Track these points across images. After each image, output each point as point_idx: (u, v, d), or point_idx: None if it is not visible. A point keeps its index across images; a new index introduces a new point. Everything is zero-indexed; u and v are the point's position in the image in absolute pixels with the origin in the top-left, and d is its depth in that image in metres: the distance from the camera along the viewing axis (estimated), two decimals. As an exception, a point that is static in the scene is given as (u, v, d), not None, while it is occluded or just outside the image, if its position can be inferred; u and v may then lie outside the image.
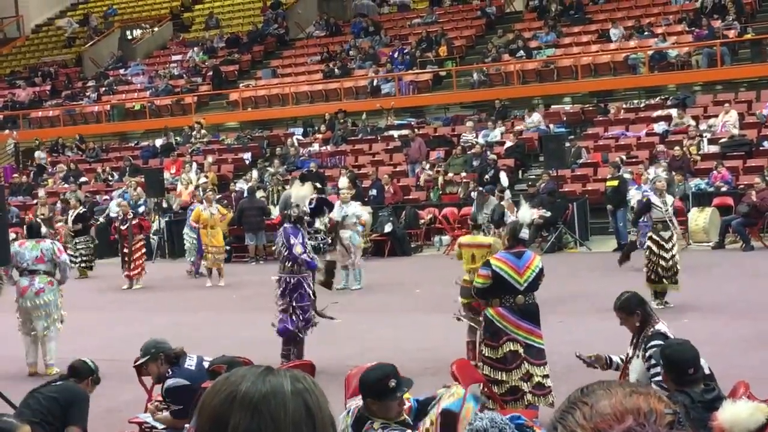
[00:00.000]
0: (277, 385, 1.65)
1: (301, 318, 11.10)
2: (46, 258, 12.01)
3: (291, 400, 1.63)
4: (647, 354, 6.38)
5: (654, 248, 13.50)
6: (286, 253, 11.03)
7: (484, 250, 10.65)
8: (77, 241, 21.65)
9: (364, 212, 17.85)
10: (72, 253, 21.35)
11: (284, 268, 11.12)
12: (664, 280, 13.41)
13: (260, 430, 1.61)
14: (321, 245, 19.39)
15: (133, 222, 19.21)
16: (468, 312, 10.60)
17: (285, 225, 11.42)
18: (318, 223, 18.77)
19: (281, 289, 11.10)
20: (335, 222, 17.13)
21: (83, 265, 21.58)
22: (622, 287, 14.53)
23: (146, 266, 19.58)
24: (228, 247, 20.81)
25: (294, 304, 11.08)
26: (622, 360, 6.89)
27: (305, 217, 11.46)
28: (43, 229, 12.98)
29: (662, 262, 13.36)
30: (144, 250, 19.71)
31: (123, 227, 19.29)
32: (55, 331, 12.13)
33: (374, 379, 5.24)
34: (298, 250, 10.92)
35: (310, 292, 11.16)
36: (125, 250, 19.14)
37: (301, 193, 12.54)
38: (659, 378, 5.94)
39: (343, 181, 21.14)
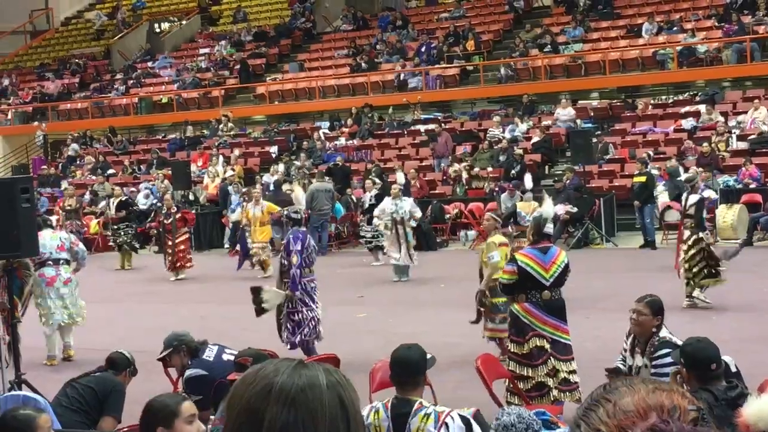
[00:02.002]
0: (313, 378, 1.64)
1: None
2: (66, 246, 12.28)
3: (327, 393, 1.63)
4: (654, 363, 6.31)
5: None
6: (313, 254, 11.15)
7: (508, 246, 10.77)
8: (119, 227, 21.59)
9: (417, 209, 17.84)
10: (115, 240, 21.51)
11: (311, 271, 11.18)
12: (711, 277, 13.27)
13: (297, 424, 1.60)
14: (377, 245, 19.41)
15: (177, 215, 19.33)
16: (492, 314, 10.59)
17: (301, 229, 11.38)
18: (376, 222, 18.77)
19: (314, 292, 11.12)
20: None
21: (128, 248, 21.49)
22: (649, 283, 14.45)
23: (192, 259, 19.71)
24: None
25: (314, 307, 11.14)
26: (622, 367, 6.75)
27: (302, 219, 11.50)
28: (54, 218, 13.20)
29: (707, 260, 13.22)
30: (189, 243, 19.80)
31: (167, 220, 19.42)
32: (78, 319, 12.36)
33: (419, 355, 5.21)
34: (294, 260, 10.91)
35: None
36: (169, 243, 19.28)
37: (300, 194, 12.66)
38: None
39: (400, 176, 21.04)
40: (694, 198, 13.63)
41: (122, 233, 21.48)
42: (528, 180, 20.07)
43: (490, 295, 10.60)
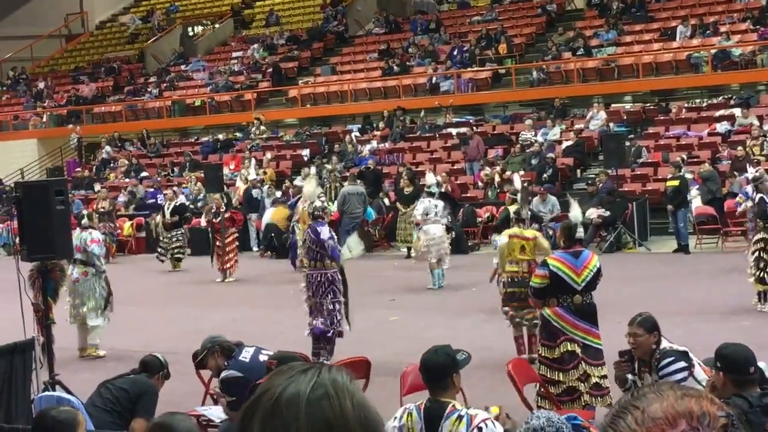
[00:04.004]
0: (293, 393, 1.59)
1: (335, 315, 11.16)
2: (82, 248, 12.49)
3: (304, 408, 1.57)
4: (662, 373, 6.22)
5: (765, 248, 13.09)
6: (316, 249, 11.09)
7: (531, 242, 10.93)
8: (173, 234, 21.55)
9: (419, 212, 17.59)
10: (166, 244, 21.51)
11: (314, 265, 11.16)
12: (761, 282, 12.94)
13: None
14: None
15: (226, 215, 19.38)
16: (510, 306, 10.79)
17: (311, 223, 11.46)
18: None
19: (312, 286, 11.14)
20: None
21: (176, 256, 21.49)
22: (682, 288, 14.38)
23: (239, 259, 19.71)
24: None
25: (326, 300, 11.12)
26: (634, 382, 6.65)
27: (323, 212, 11.55)
28: (84, 221, 13.39)
29: None
30: (237, 244, 19.75)
31: (215, 220, 19.48)
32: (96, 319, 12.53)
33: (444, 358, 5.18)
34: (327, 237, 11.08)
35: (341, 288, 11.24)
36: (218, 244, 19.32)
37: (309, 190, 12.69)
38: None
39: (430, 177, 20.94)
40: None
41: (174, 241, 21.45)
42: (516, 181, 19.43)
43: (507, 285, 10.97)
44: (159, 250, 21.86)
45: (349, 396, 1.60)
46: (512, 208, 14.72)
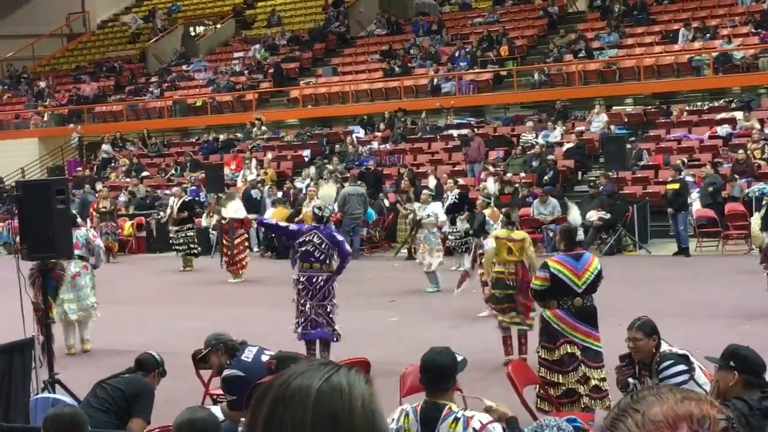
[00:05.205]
0: (305, 383, 1.60)
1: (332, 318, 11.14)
2: (81, 244, 12.61)
3: (314, 397, 1.58)
4: (661, 375, 6.21)
5: None
6: (330, 252, 11.00)
7: (518, 244, 11.00)
8: (180, 228, 21.28)
9: (442, 214, 17.57)
10: (176, 242, 21.42)
11: (319, 267, 11.06)
12: None
13: (282, 424, 1.59)
14: (464, 246, 19.26)
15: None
16: (496, 305, 10.95)
17: (316, 224, 11.37)
18: (459, 224, 18.68)
19: (328, 288, 11.06)
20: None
21: (188, 253, 21.28)
22: (682, 291, 14.38)
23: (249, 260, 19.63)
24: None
25: (330, 303, 11.08)
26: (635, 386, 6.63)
27: (329, 217, 11.56)
28: (79, 219, 13.50)
29: None
30: (247, 244, 19.76)
31: (224, 222, 19.50)
32: (91, 314, 12.76)
33: (449, 359, 5.16)
34: (348, 247, 11.07)
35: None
36: (226, 244, 19.33)
37: (327, 192, 12.67)
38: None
39: (432, 181, 20.89)
40: None
41: (183, 236, 21.27)
42: (491, 185, 19.04)
43: (492, 287, 11.19)
44: (172, 243, 21.67)
45: (360, 397, 1.61)
46: (487, 212, 14.69)
